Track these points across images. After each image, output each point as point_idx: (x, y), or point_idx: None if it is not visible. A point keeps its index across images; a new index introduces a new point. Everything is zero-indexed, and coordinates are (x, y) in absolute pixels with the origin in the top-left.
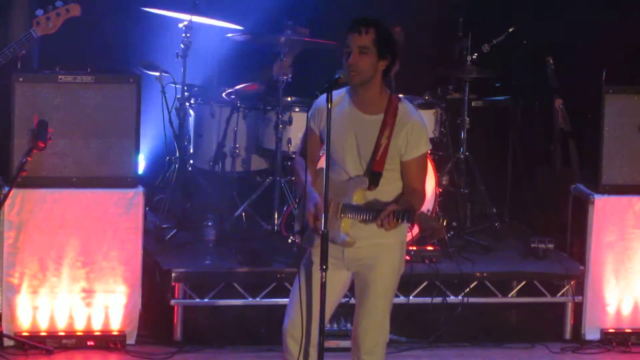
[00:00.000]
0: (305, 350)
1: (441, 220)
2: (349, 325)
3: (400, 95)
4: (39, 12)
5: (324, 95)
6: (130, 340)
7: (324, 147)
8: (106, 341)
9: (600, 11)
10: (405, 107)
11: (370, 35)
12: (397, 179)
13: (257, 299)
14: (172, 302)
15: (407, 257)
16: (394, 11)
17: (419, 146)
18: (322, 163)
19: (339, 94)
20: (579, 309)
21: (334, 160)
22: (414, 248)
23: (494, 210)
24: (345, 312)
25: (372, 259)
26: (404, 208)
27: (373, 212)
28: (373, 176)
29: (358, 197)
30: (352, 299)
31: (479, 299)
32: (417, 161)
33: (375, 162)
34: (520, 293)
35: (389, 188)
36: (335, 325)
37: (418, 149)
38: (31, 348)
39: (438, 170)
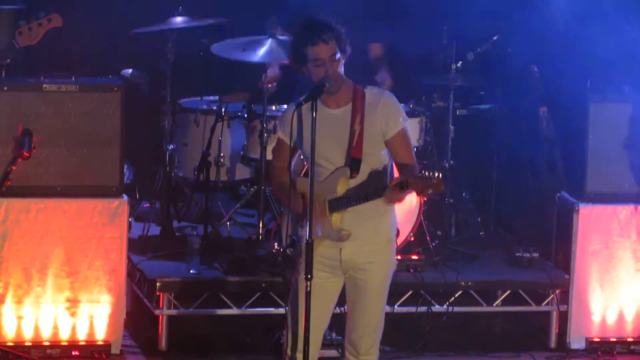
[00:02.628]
0: (292, 358)
1: (437, 175)
2: (334, 335)
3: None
4: (22, 22)
5: (291, 106)
6: (115, 350)
7: (299, 154)
8: (91, 351)
9: (585, 20)
10: (372, 90)
11: (333, 41)
12: (378, 163)
13: (242, 308)
14: (157, 311)
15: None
16: (378, 19)
17: (398, 119)
18: (302, 171)
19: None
20: (564, 317)
21: (315, 164)
22: (399, 257)
23: (479, 219)
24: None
25: (368, 264)
26: (403, 178)
27: (362, 195)
28: (353, 163)
29: (342, 188)
30: (337, 308)
31: (464, 308)
32: (400, 136)
33: (352, 149)
34: (505, 302)
35: (372, 173)
36: None
37: (398, 123)
38: (15, 358)
39: None
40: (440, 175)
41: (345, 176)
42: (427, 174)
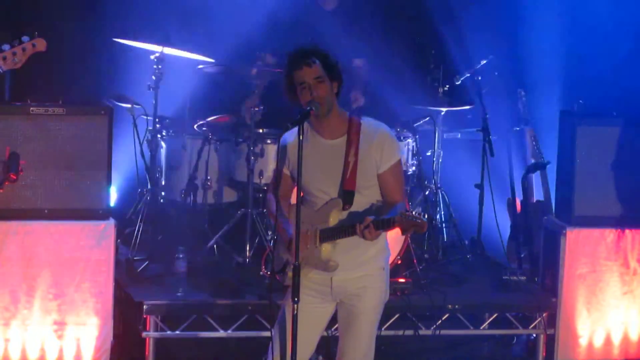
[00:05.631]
0: None
1: (422, 215)
2: (320, 358)
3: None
4: (5, 47)
5: (286, 134)
6: None
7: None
8: None
9: (572, 44)
10: (368, 122)
11: (317, 64)
12: (371, 196)
13: (229, 331)
14: (144, 334)
15: None
16: (365, 43)
17: (393, 153)
18: (295, 198)
19: (295, 131)
20: (551, 341)
21: (307, 191)
22: None
23: (466, 242)
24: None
25: (360, 289)
26: (382, 218)
27: (352, 227)
28: (346, 195)
29: (334, 219)
30: (325, 331)
31: (451, 331)
32: (393, 170)
33: (346, 181)
34: (492, 325)
35: (365, 205)
36: None
37: (393, 157)
38: None
39: (410, 201)
40: (426, 216)
41: (338, 208)
42: (413, 213)
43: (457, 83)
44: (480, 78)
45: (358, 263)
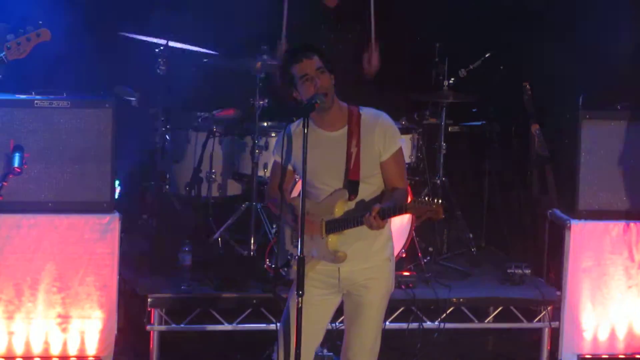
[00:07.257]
0: None
1: (437, 200)
2: (325, 351)
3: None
4: (10, 36)
5: (288, 127)
6: None
7: (297, 174)
8: None
9: (577, 36)
10: (368, 112)
11: (316, 56)
12: (376, 184)
13: (233, 324)
14: (148, 327)
15: None
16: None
17: (395, 141)
18: (297, 191)
19: (297, 125)
20: (555, 334)
21: (309, 184)
22: None
23: (471, 235)
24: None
25: (368, 280)
26: (389, 205)
27: (358, 217)
28: (351, 185)
29: (340, 210)
30: (329, 324)
31: (455, 325)
32: (395, 157)
33: (350, 171)
34: (497, 319)
35: (370, 195)
36: None
37: (394, 144)
38: None
39: (415, 195)
40: (440, 201)
41: (343, 198)
42: (427, 199)
43: (462, 76)
44: (485, 71)
45: (365, 254)
